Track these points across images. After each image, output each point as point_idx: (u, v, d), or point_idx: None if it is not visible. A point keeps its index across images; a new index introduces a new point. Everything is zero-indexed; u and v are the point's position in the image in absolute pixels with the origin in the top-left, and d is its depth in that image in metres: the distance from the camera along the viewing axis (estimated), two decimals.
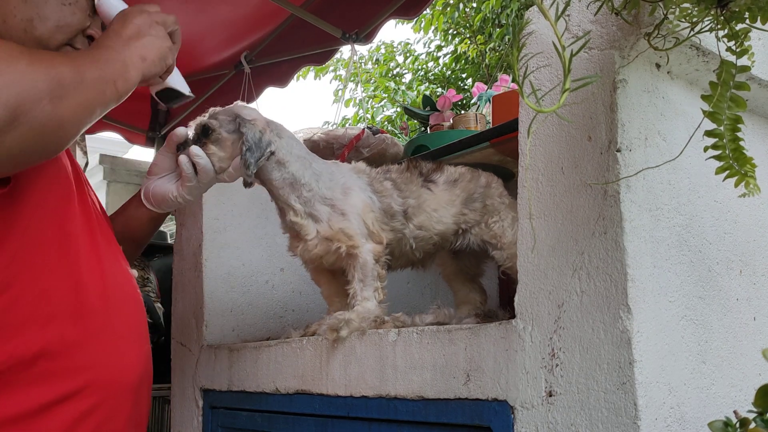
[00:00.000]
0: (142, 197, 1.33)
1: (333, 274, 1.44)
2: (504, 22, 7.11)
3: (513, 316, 0.98)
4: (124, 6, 1.13)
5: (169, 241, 3.43)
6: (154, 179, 1.33)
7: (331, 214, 1.32)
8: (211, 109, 1.33)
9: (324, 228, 1.32)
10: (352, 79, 6.78)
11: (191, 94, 1.26)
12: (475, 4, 7.69)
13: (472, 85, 4.80)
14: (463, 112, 2.16)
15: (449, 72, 8.38)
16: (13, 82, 0.83)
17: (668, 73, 0.99)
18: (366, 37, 2.87)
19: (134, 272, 1.25)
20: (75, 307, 1.05)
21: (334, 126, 3.90)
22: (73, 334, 1.03)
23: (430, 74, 8.62)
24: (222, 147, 1.29)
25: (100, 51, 1.02)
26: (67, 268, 1.05)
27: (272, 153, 1.30)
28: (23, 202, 1.01)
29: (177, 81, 1.21)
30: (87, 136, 3.13)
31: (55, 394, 1.00)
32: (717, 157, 0.80)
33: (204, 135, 1.29)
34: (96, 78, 0.96)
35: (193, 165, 1.28)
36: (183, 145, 1.30)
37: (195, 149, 1.27)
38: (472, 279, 1.58)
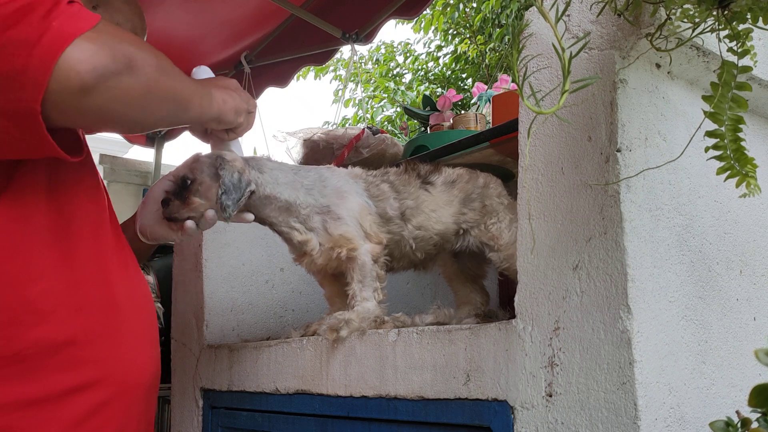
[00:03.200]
0: (139, 233, 1.33)
1: (335, 276, 1.44)
2: (504, 22, 7.11)
3: (513, 316, 0.98)
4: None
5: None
6: (148, 213, 1.31)
7: (326, 221, 1.32)
8: (195, 154, 1.30)
9: (324, 237, 1.32)
10: (352, 79, 6.78)
11: None
12: (475, 4, 7.69)
13: (472, 85, 4.80)
14: (463, 112, 2.16)
15: (449, 72, 8.38)
16: (132, 42, 0.97)
17: (668, 73, 0.99)
18: (366, 37, 2.88)
19: (150, 278, 1.28)
20: (103, 301, 1.09)
21: (334, 126, 3.90)
22: (99, 326, 1.08)
23: (430, 74, 8.63)
24: (206, 196, 1.25)
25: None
26: (98, 264, 1.11)
27: (252, 192, 1.27)
28: (66, 203, 1.09)
29: (236, 150, 1.32)
30: (87, 137, 3.12)
31: (75, 382, 1.03)
32: (718, 158, 0.80)
33: (183, 188, 1.26)
34: (188, 84, 1.09)
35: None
36: (165, 203, 1.27)
37: (189, 225, 1.25)
38: (473, 280, 1.57)
